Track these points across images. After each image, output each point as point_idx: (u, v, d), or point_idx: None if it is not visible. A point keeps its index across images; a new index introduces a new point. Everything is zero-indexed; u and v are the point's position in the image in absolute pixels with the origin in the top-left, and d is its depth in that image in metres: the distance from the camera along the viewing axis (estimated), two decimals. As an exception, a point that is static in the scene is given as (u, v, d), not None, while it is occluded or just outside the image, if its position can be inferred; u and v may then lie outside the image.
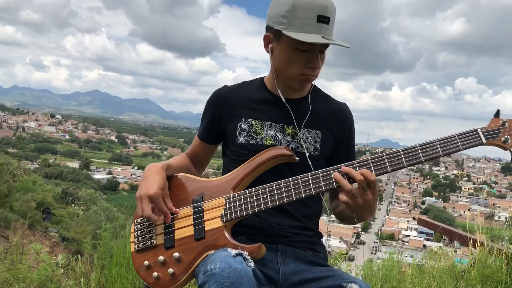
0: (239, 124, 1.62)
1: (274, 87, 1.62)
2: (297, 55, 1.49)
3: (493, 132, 1.32)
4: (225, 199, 1.48)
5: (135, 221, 1.59)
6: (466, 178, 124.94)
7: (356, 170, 1.35)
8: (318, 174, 1.42)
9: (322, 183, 1.41)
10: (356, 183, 1.34)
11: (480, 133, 1.33)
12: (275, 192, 1.44)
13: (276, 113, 1.61)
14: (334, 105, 1.70)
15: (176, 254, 1.45)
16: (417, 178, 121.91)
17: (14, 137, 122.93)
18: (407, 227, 67.38)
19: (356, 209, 1.38)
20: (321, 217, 1.73)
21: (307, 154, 1.58)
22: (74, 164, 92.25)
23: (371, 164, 1.38)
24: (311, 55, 1.49)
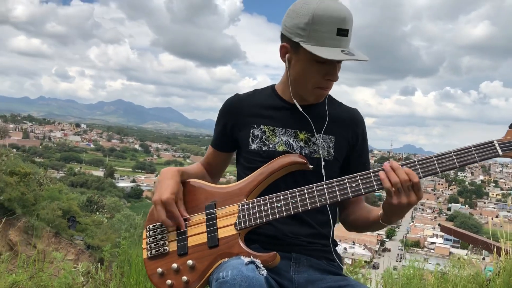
0: (251, 131, 1.62)
1: (286, 94, 1.62)
2: (315, 67, 1.48)
3: (509, 143, 1.32)
4: (239, 207, 1.47)
5: (147, 227, 1.59)
6: (494, 184, 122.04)
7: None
8: (333, 183, 1.41)
9: (337, 192, 1.39)
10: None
11: (496, 145, 1.33)
12: (290, 200, 1.43)
13: (289, 119, 1.61)
14: (346, 110, 1.69)
15: (190, 262, 1.45)
16: (442, 184, 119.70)
17: (41, 147, 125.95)
18: (433, 234, 66.10)
19: (392, 208, 1.38)
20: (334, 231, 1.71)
21: (323, 162, 1.56)
22: (99, 173, 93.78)
23: (417, 165, 1.37)
24: (329, 67, 1.48)
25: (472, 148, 1.33)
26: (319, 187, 1.41)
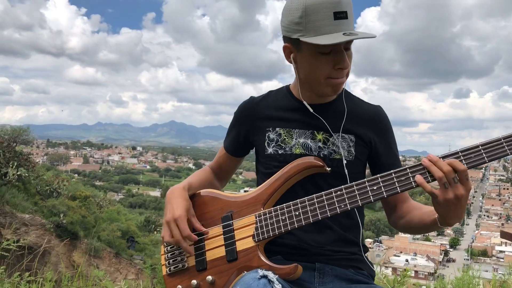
0: (267, 134, 1.56)
1: (299, 94, 1.55)
2: (322, 59, 1.41)
3: None
4: (256, 217, 1.41)
5: (165, 243, 1.54)
6: None
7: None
8: (353, 187, 1.31)
9: (358, 197, 1.30)
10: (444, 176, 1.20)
11: None
12: (308, 208, 1.35)
13: (305, 119, 1.53)
14: (367, 108, 1.60)
15: (210, 278, 1.40)
16: (507, 189, 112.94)
17: (100, 171, 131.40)
18: (501, 242, 62.42)
19: (443, 209, 1.25)
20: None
21: (345, 161, 1.48)
22: (156, 193, 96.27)
23: (460, 155, 1.23)
24: (337, 56, 1.40)
25: None
26: (338, 192, 1.33)
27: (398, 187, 1.27)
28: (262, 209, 1.42)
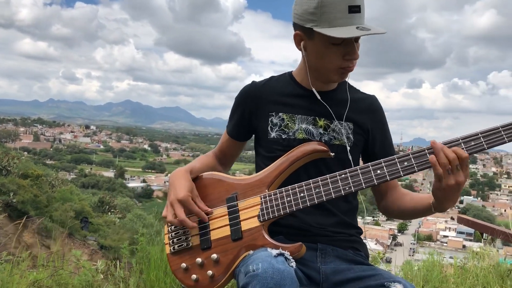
0: (270, 119, 1.59)
1: (304, 80, 1.60)
2: (332, 50, 1.45)
3: None
4: (261, 198, 1.45)
5: (168, 223, 1.57)
6: (506, 176, 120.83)
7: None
8: (357, 170, 1.38)
9: (362, 180, 1.36)
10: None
11: None
12: (313, 190, 1.40)
13: (308, 106, 1.58)
14: (363, 97, 1.66)
15: (214, 256, 1.43)
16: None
17: (51, 149, 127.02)
18: (445, 227, 65.66)
19: (443, 193, 1.33)
20: (357, 219, 1.69)
21: (348, 147, 1.54)
22: (109, 174, 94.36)
23: (461, 142, 1.30)
24: (347, 47, 1.45)
25: None
26: (343, 175, 1.39)
27: (400, 171, 1.34)
28: (267, 191, 1.46)
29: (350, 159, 1.53)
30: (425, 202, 1.48)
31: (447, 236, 60.49)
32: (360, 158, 1.67)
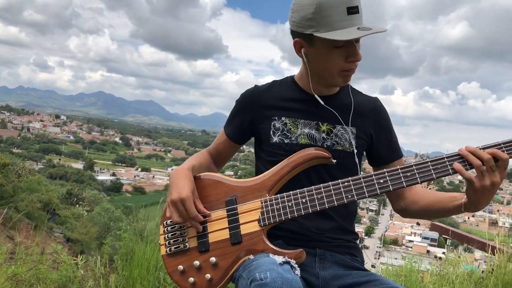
0: (272, 123, 1.58)
1: (306, 85, 1.59)
2: (335, 53, 1.45)
3: None
4: (262, 203, 1.44)
5: (164, 222, 1.55)
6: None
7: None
8: (360, 179, 1.38)
9: (364, 189, 1.37)
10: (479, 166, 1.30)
11: None
12: (315, 196, 1.40)
13: (310, 110, 1.58)
14: (366, 100, 1.66)
15: (213, 259, 1.41)
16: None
17: (19, 138, 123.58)
18: (411, 232, 67.08)
19: (477, 194, 1.34)
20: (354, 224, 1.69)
21: (355, 151, 1.55)
22: (78, 165, 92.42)
23: (502, 146, 1.32)
24: (350, 49, 1.45)
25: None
26: (346, 183, 1.39)
27: (403, 182, 1.35)
28: (267, 195, 1.45)
29: (357, 162, 1.55)
30: (454, 202, 1.47)
31: (412, 241, 61.83)
32: (366, 161, 1.68)
